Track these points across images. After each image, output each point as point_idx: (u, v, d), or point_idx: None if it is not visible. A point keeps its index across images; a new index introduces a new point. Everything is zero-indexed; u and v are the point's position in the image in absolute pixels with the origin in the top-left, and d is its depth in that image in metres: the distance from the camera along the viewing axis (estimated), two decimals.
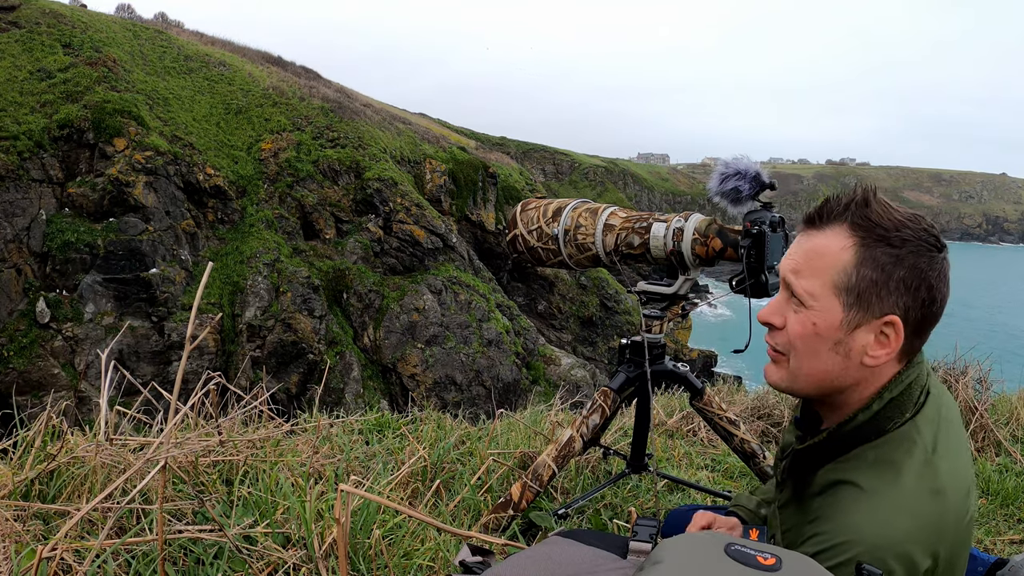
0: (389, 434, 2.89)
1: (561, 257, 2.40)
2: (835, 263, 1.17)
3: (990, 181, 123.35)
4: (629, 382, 2.34)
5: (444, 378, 17.22)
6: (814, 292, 1.18)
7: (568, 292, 24.14)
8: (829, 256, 1.17)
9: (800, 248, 1.22)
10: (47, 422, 1.97)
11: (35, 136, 15.43)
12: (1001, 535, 2.77)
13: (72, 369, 14.06)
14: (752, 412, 3.98)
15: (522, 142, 55.05)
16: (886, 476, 1.14)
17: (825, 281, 1.17)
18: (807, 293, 1.19)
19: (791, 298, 1.22)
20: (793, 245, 1.26)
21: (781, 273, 1.25)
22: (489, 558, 1.37)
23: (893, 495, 1.12)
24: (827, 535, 1.14)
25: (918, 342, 1.21)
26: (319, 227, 18.68)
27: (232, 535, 1.60)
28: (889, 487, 1.13)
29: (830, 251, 1.17)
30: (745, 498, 1.74)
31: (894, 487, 1.13)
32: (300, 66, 26.94)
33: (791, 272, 1.22)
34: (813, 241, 1.20)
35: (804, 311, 1.20)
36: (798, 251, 1.22)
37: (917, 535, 1.09)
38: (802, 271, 1.20)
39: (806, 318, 1.19)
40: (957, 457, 1.21)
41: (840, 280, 1.16)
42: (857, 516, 1.12)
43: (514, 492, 2.20)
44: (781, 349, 1.25)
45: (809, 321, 1.19)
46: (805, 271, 1.20)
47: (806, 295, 1.19)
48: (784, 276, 1.23)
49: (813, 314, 1.19)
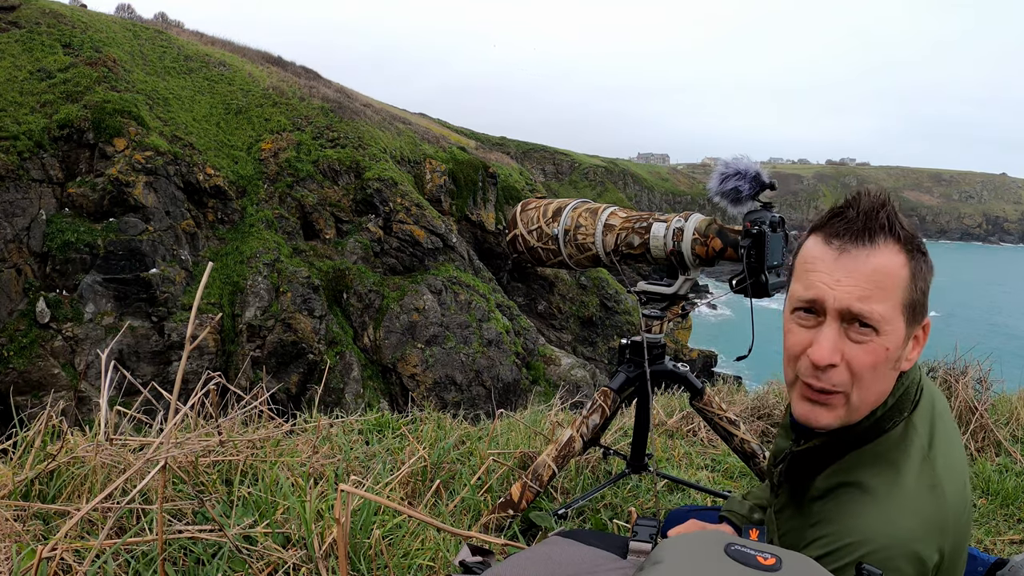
0: (389, 434, 2.89)
1: (561, 257, 2.40)
2: (900, 282, 1.12)
3: (990, 181, 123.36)
4: (629, 382, 2.34)
5: (444, 378, 17.23)
6: (888, 316, 1.12)
7: (568, 292, 24.14)
8: (894, 276, 1.12)
9: (857, 272, 1.11)
10: (47, 422, 1.97)
11: (35, 136, 15.43)
12: (1001, 535, 2.77)
13: (72, 369, 14.06)
14: (752, 412, 3.98)
15: (522, 142, 55.05)
16: (887, 476, 1.15)
17: (895, 303, 1.12)
18: (883, 319, 1.11)
19: (850, 328, 1.13)
20: (831, 267, 1.13)
21: (836, 303, 1.12)
22: (489, 558, 1.37)
23: (896, 495, 1.12)
24: (832, 537, 1.14)
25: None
26: (319, 227, 18.68)
27: (232, 535, 1.60)
28: (891, 487, 1.13)
29: (893, 270, 1.12)
30: (737, 503, 1.73)
31: (896, 486, 1.13)
32: (300, 66, 26.94)
33: (858, 300, 1.11)
34: (872, 262, 1.11)
35: (876, 338, 1.12)
36: (855, 276, 1.11)
37: (923, 533, 1.09)
38: (872, 296, 1.11)
39: (879, 345, 1.12)
40: (952, 452, 1.21)
41: (905, 298, 1.13)
42: (862, 518, 1.12)
43: (514, 492, 2.20)
44: (841, 388, 1.15)
45: (883, 348, 1.12)
46: (875, 296, 1.11)
47: (882, 321, 1.11)
48: (845, 306, 1.11)
49: (885, 339, 1.12)
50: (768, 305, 2.05)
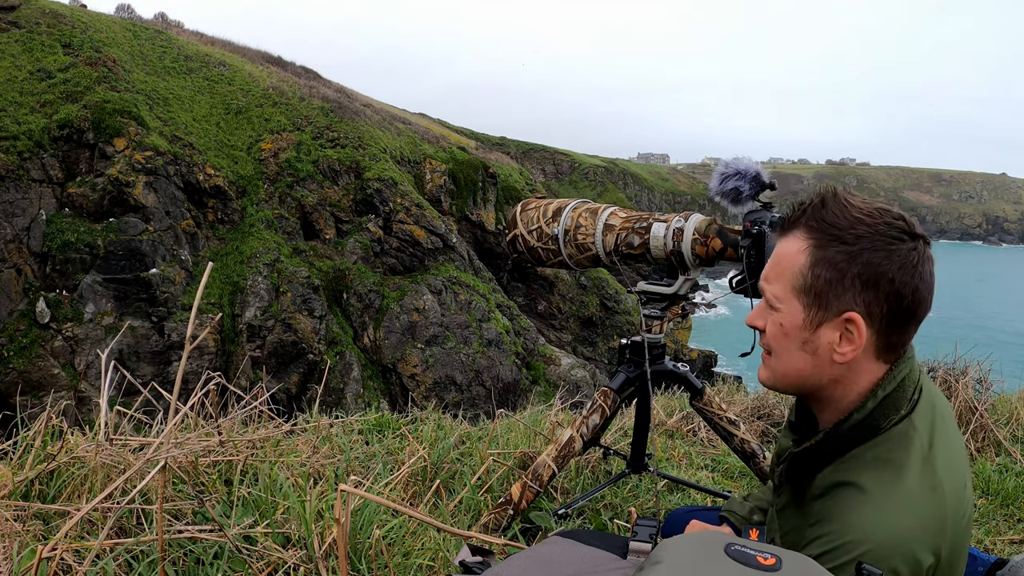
0: (389, 434, 2.89)
1: (561, 257, 2.40)
2: (792, 266, 1.21)
3: (990, 181, 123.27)
4: (629, 382, 2.34)
5: (444, 378, 17.22)
6: (779, 295, 1.24)
7: (568, 292, 24.14)
8: (788, 260, 1.23)
9: (773, 256, 1.28)
10: (47, 422, 1.97)
11: (35, 136, 15.43)
12: (1001, 535, 2.77)
13: (72, 369, 14.06)
14: (752, 412, 3.98)
15: (522, 142, 55.03)
16: (886, 475, 1.14)
17: (786, 284, 1.23)
18: (774, 297, 1.25)
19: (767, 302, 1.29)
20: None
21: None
22: (489, 558, 1.37)
23: (894, 494, 1.12)
24: (831, 536, 1.14)
25: (897, 337, 1.19)
26: (319, 227, 18.68)
27: (232, 535, 1.60)
28: (890, 486, 1.13)
29: (789, 255, 1.23)
30: (738, 504, 1.75)
31: (895, 486, 1.13)
32: (300, 66, 26.94)
33: (763, 279, 1.29)
34: (778, 248, 1.26)
35: (774, 314, 1.26)
36: (770, 260, 1.29)
37: (920, 533, 1.09)
38: (769, 277, 1.27)
39: (776, 320, 1.26)
40: (952, 453, 1.21)
41: (798, 282, 1.21)
42: (860, 516, 1.12)
43: (514, 492, 2.20)
44: (766, 347, 1.31)
45: (778, 323, 1.25)
46: (771, 276, 1.26)
47: (773, 299, 1.26)
48: (759, 283, 1.30)
49: (780, 316, 1.25)
50: None
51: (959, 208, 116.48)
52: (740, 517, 1.70)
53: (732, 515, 1.71)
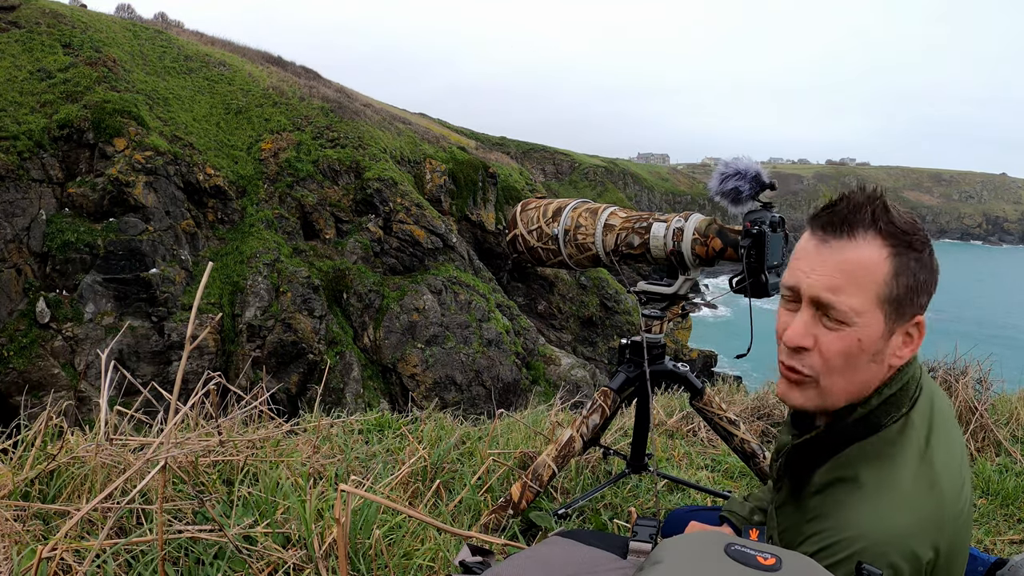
0: (389, 434, 2.89)
1: (561, 257, 2.40)
2: (877, 276, 1.12)
3: (990, 181, 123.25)
4: (629, 382, 2.34)
5: (444, 378, 17.22)
6: (859, 308, 1.13)
7: (568, 292, 24.14)
8: (868, 269, 1.12)
9: (830, 262, 1.14)
10: (47, 422, 1.97)
11: (35, 136, 15.43)
12: (1001, 535, 2.77)
13: (72, 369, 14.06)
14: (752, 412, 3.98)
15: (522, 142, 55.02)
16: (884, 471, 1.15)
17: (870, 296, 1.13)
18: (852, 311, 1.13)
19: (823, 317, 1.15)
20: (810, 257, 1.17)
21: (808, 291, 1.16)
22: (489, 558, 1.37)
23: (892, 490, 1.13)
24: (828, 532, 1.14)
25: None
26: (319, 227, 18.68)
27: (232, 535, 1.60)
28: (887, 482, 1.14)
29: (870, 263, 1.12)
30: (738, 504, 1.74)
31: (892, 482, 1.13)
32: (300, 66, 26.94)
33: (827, 290, 1.13)
34: (846, 254, 1.13)
35: (846, 329, 1.14)
36: (828, 266, 1.14)
37: (917, 529, 1.09)
38: (843, 288, 1.13)
39: (850, 335, 1.14)
40: (951, 450, 1.21)
41: (883, 292, 1.13)
42: (857, 513, 1.12)
43: (514, 492, 2.20)
44: (810, 372, 1.18)
45: (854, 338, 1.14)
46: (846, 287, 1.12)
47: (851, 313, 1.13)
48: (815, 295, 1.15)
49: (858, 331, 1.14)
50: (766, 305, 2.06)
51: (959, 208, 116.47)
52: (740, 517, 1.70)
53: (733, 515, 1.71)
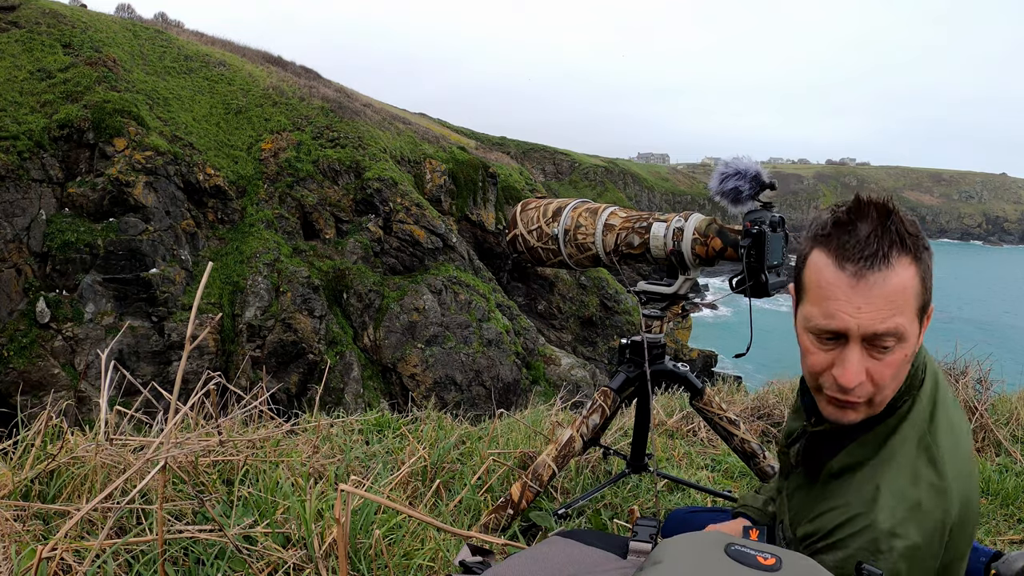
0: (389, 434, 2.89)
1: (561, 257, 2.40)
2: (914, 293, 1.15)
3: (990, 181, 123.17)
4: (629, 382, 2.34)
5: (444, 378, 17.22)
6: (906, 329, 1.14)
7: (568, 292, 24.13)
8: (909, 289, 1.14)
9: (876, 297, 1.12)
10: (47, 422, 1.97)
11: (35, 136, 15.43)
12: (1001, 535, 2.77)
13: (72, 369, 14.06)
14: (752, 412, 3.98)
15: (522, 142, 55.01)
16: (895, 449, 1.22)
17: (911, 313, 1.15)
18: (902, 330, 1.14)
19: (871, 348, 1.15)
20: (851, 295, 1.13)
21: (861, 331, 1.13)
22: (489, 558, 1.37)
23: (903, 467, 1.19)
24: (843, 509, 1.20)
25: None
26: (319, 227, 18.68)
27: (232, 535, 1.60)
28: (898, 459, 1.20)
29: (909, 284, 1.14)
30: (751, 497, 1.79)
31: (903, 459, 1.20)
32: (300, 66, 26.94)
33: (880, 324, 1.12)
34: (890, 285, 1.12)
35: (896, 350, 1.15)
36: (876, 301, 1.12)
37: (934, 501, 1.16)
38: (891, 316, 1.13)
39: (898, 354, 1.16)
40: (953, 420, 1.27)
41: (918, 303, 1.16)
42: (871, 489, 1.18)
43: (514, 492, 2.20)
44: (864, 397, 1.19)
45: (902, 354, 1.16)
46: (895, 314, 1.13)
47: (902, 332, 1.14)
48: (870, 333, 1.13)
49: (906, 345, 1.16)
50: (766, 305, 2.06)
51: (959, 208, 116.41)
52: (756, 510, 1.73)
53: (748, 509, 1.76)
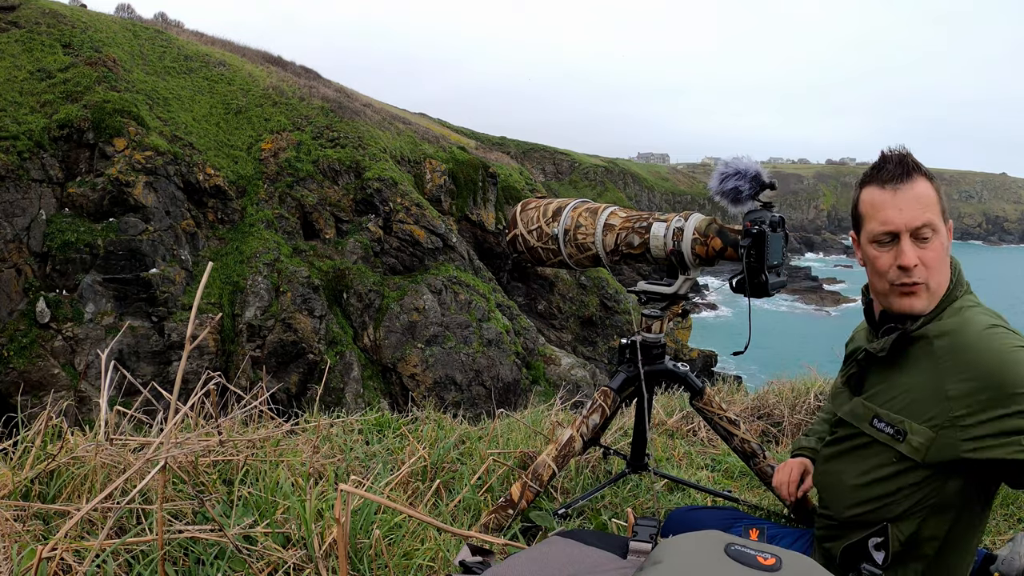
0: (389, 434, 2.89)
1: (561, 257, 2.40)
2: (935, 199, 1.60)
3: (990, 181, 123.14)
4: (629, 382, 2.34)
5: (444, 378, 17.22)
6: (937, 223, 1.58)
7: (568, 292, 24.13)
8: (931, 196, 1.59)
9: (910, 199, 1.58)
10: (47, 422, 1.97)
11: (35, 136, 15.42)
12: (1001, 535, 2.77)
13: (72, 369, 14.06)
14: (752, 412, 3.98)
15: (522, 142, 55.02)
16: (968, 310, 1.61)
17: (937, 212, 1.59)
18: (930, 226, 1.57)
19: (916, 240, 1.58)
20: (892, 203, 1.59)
21: (908, 225, 1.57)
22: (489, 558, 1.37)
23: (981, 310, 1.61)
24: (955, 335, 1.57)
25: None
26: (319, 227, 18.68)
27: (232, 535, 1.60)
28: (978, 307, 1.62)
29: (929, 192, 1.60)
30: (805, 440, 2.17)
31: (978, 311, 1.60)
32: (300, 66, 26.95)
33: (919, 219, 1.57)
34: (916, 190, 1.59)
35: (935, 239, 1.58)
36: (911, 203, 1.58)
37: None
38: (924, 213, 1.57)
39: (937, 243, 1.58)
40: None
41: (940, 207, 1.60)
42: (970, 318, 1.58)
43: (514, 492, 2.20)
44: (922, 279, 1.58)
45: (939, 243, 1.59)
46: (926, 212, 1.57)
47: (930, 227, 1.57)
48: (914, 225, 1.57)
49: (940, 237, 1.59)
50: (765, 305, 2.07)
51: (959, 208, 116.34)
52: (811, 450, 2.09)
53: (806, 451, 2.11)
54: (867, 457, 1.67)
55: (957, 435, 1.49)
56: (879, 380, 1.69)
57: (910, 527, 1.61)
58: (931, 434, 1.53)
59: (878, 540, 1.63)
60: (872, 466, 1.65)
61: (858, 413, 1.70)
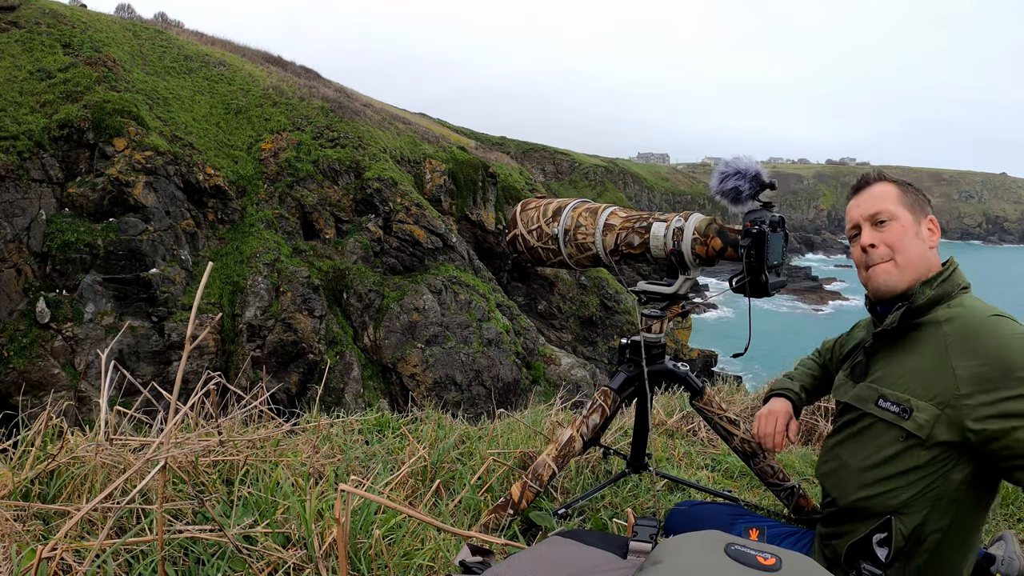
0: (389, 434, 2.89)
1: (561, 257, 2.40)
2: (893, 194, 1.82)
3: (990, 181, 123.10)
4: (629, 382, 2.34)
5: (444, 378, 17.22)
6: (891, 209, 1.79)
7: (568, 292, 24.13)
8: (888, 192, 1.82)
9: (867, 197, 1.84)
10: (47, 422, 1.97)
11: (35, 136, 15.42)
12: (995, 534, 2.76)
13: (72, 369, 14.06)
14: (752, 412, 3.98)
15: (522, 142, 55.02)
16: (967, 300, 1.73)
17: (893, 202, 1.80)
18: (889, 212, 1.79)
19: (875, 226, 1.80)
20: (856, 203, 1.86)
21: (863, 215, 1.82)
22: (489, 558, 1.37)
23: (979, 302, 1.71)
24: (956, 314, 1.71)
25: None
26: (319, 227, 18.68)
27: (232, 535, 1.60)
28: (980, 302, 1.72)
29: (886, 190, 1.83)
30: (787, 382, 2.29)
31: (983, 303, 1.71)
32: (300, 66, 26.96)
33: (872, 209, 1.81)
34: (873, 191, 1.84)
35: (892, 223, 1.78)
36: (867, 200, 1.84)
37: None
38: (878, 204, 1.81)
39: (895, 225, 1.78)
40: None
41: (900, 200, 1.81)
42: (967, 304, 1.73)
43: (514, 492, 2.20)
44: (886, 257, 1.77)
45: (898, 225, 1.78)
46: (879, 204, 1.81)
47: (888, 212, 1.79)
48: (868, 214, 1.81)
49: (899, 221, 1.79)
50: (765, 305, 2.08)
51: (959, 208, 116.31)
52: (794, 392, 2.23)
53: (787, 391, 2.24)
54: (872, 439, 1.72)
55: (962, 413, 1.55)
56: (885, 363, 1.78)
57: (914, 520, 1.62)
58: (936, 411, 1.59)
59: (881, 536, 1.63)
60: (877, 447, 1.70)
61: (863, 396, 1.77)
